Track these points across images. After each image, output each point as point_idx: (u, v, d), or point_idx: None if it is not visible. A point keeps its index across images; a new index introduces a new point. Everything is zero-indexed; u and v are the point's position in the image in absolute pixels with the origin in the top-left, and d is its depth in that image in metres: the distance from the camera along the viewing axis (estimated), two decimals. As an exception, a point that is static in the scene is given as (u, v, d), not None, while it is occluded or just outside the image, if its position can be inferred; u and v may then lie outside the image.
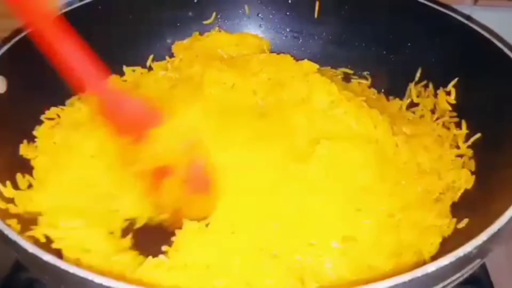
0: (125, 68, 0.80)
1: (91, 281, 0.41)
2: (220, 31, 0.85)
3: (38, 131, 0.69)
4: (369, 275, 0.54)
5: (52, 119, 0.71)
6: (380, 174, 0.61)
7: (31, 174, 0.64)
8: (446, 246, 0.57)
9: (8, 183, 0.60)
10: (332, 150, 0.61)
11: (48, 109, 0.71)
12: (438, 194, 0.63)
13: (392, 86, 0.80)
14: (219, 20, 0.86)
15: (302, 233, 0.57)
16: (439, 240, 0.58)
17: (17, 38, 0.66)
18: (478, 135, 0.67)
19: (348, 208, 0.58)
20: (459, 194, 0.63)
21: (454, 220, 0.59)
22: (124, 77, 0.79)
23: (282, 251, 0.56)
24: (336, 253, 0.56)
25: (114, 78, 0.74)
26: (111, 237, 0.60)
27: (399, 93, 0.79)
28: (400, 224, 0.59)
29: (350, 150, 0.61)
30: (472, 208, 0.60)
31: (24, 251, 0.45)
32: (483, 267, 0.66)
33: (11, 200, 0.59)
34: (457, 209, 0.62)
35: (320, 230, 0.57)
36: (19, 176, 0.62)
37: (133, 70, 0.80)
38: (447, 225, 0.59)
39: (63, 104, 0.73)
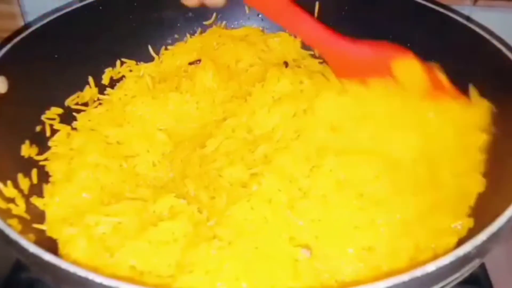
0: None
1: (92, 281, 0.41)
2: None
3: (54, 141, 0.69)
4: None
5: (53, 119, 0.71)
6: (392, 186, 0.60)
7: (31, 175, 0.64)
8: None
9: (9, 183, 0.59)
10: (341, 164, 0.60)
11: (49, 109, 0.71)
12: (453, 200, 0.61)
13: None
14: (219, 20, 0.86)
15: (316, 245, 0.56)
16: (455, 240, 0.57)
17: (18, 39, 0.66)
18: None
19: (362, 219, 0.57)
20: (473, 198, 0.61)
21: (469, 219, 0.58)
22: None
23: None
24: (354, 261, 0.55)
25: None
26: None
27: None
28: (415, 229, 0.58)
29: (359, 163, 0.61)
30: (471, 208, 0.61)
31: (25, 250, 0.45)
32: (482, 267, 0.66)
33: (12, 200, 0.59)
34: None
35: (335, 241, 0.56)
36: (20, 177, 0.62)
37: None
38: (462, 226, 0.58)
39: (63, 104, 0.73)
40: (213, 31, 0.85)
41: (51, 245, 0.58)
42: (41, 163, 0.66)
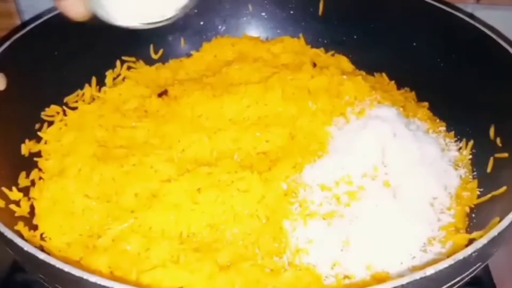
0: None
1: (86, 280, 0.41)
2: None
3: (46, 133, 0.69)
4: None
5: (52, 116, 0.71)
6: None
7: (31, 174, 0.64)
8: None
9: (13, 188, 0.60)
10: None
11: (48, 106, 0.71)
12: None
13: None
14: (221, 20, 0.86)
15: None
16: None
17: (16, 36, 0.66)
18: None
19: None
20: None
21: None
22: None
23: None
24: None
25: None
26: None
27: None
28: None
29: None
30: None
31: (20, 249, 0.45)
32: (485, 268, 0.66)
33: (13, 201, 0.59)
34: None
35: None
36: (21, 175, 0.62)
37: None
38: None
39: (62, 102, 0.73)
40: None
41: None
42: (35, 158, 0.66)
